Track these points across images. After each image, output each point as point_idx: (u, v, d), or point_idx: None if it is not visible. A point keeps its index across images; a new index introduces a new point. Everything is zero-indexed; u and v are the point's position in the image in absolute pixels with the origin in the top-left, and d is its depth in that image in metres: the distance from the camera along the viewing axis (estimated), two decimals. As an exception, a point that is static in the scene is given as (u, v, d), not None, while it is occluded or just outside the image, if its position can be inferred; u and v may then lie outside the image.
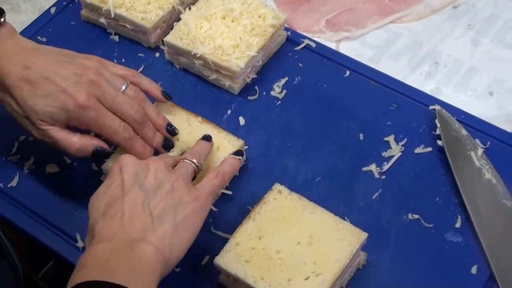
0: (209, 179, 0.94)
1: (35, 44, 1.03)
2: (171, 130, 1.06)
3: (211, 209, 1.02)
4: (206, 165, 1.02)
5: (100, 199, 0.88)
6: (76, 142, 1.00)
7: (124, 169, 0.89)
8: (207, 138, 1.03)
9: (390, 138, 1.11)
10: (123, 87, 1.02)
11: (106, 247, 0.82)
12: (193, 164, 0.96)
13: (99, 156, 1.03)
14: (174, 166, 0.96)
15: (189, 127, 1.07)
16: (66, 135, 1.00)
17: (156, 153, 1.04)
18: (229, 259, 0.94)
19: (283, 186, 1.00)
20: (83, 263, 0.81)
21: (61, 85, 0.97)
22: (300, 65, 1.21)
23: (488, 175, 1.04)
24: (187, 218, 0.88)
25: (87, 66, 1.00)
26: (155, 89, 1.08)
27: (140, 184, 0.88)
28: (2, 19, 1.01)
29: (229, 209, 1.05)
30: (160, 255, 0.83)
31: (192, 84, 1.20)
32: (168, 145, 1.06)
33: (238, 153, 1.01)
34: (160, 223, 0.85)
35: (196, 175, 0.97)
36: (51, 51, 1.02)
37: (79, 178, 1.10)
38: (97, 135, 1.03)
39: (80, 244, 1.02)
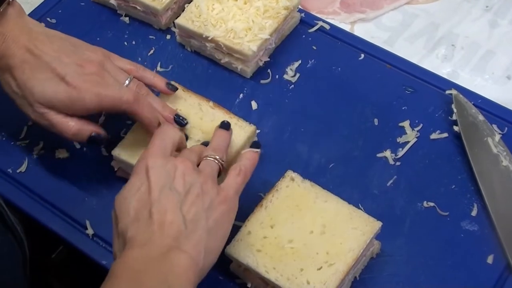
0: (232, 177, 0.91)
1: (43, 28, 1.02)
2: (179, 121, 1.03)
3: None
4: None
5: (128, 202, 0.85)
6: (72, 126, 0.98)
7: (151, 171, 0.86)
8: (226, 126, 1.00)
9: (405, 124, 1.09)
10: (126, 82, 1.00)
11: (138, 256, 0.80)
12: (216, 161, 0.93)
13: (95, 142, 1.01)
14: (198, 163, 0.93)
15: (201, 112, 1.05)
16: (62, 119, 0.98)
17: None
18: (240, 248, 0.92)
19: (296, 174, 0.98)
20: (114, 272, 0.80)
21: (61, 72, 0.96)
22: (314, 47, 1.19)
23: (505, 162, 1.02)
24: (219, 221, 0.86)
25: (91, 59, 0.99)
26: (160, 81, 1.06)
27: (170, 187, 0.85)
28: None
29: (241, 196, 1.02)
30: (194, 263, 0.81)
31: (204, 67, 1.18)
32: (180, 121, 1.03)
33: (255, 145, 0.97)
34: (194, 228, 0.83)
35: (221, 172, 0.93)
36: (58, 37, 1.01)
37: (88, 163, 1.08)
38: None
39: (89, 231, 1.01)
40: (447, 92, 1.11)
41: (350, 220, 0.93)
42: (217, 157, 0.93)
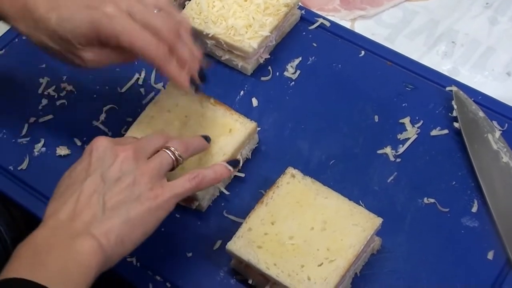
0: (182, 179, 0.89)
1: None
2: (202, 74, 0.97)
3: (223, 193, 1.02)
4: (217, 148, 1.01)
5: (64, 178, 0.87)
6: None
7: (93, 152, 0.87)
8: (206, 138, 0.99)
9: (406, 120, 1.09)
10: (155, 10, 0.94)
11: (46, 235, 0.80)
12: (172, 156, 0.90)
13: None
14: (155, 152, 0.91)
15: (201, 109, 1.05)
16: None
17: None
18: (241, 245, 0.92)
19: (297, 170, 0.98)
20: (19, 252, 0.79)
21: (91, 5, 0.91)
22: (314, 44, 1.19)
23: (505, 158, 1.02)
24: (141, 216, 0.84)
25: None
26: (186, 22, 0.98)
27: (102, 172, 0.85)
28: None
29: (242, 193, 1.04)
30: (100, 250, 0.80)
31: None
32: (203, 76, 0.97)
33: (233, 163, 0.97)
34: (111, 215, 0.82)
35: (174, 168, 0.91)
36: None
37: (89, 160, 1.08)
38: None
39: (91, 228, 1.01)
40: (447, 88, 1.11)
41: (351, 216, 0.93)
42: (176, 152, 0.91)
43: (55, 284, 0.75)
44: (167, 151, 0.90)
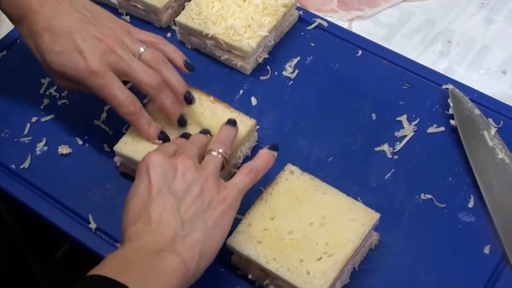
0: (240, 176, 0.91)
1: None
2: (189, 99, 1.04)
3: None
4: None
5: (129, 202, 0.87)
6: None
7: (151, 170, 0.87)
8: (232, 122, 1.00)
9: (403, 118, 1.10)
10: (141, 49, 1.01)
11: (131, 249, 0.82)
12: (220, 156, 0.93)
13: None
14: (201, 156, 0.94)
15: (201, 107, 1.06)
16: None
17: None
18: (241, 240, 0.94)
19: (295, 167, 1.00)
20: (106, 259, 0.82)
21: (79, 45, 0.98)
22: (312, 44, 1.21)
23: (501, 155, 1.04)
24: (217, 222, 0.87)
25: (109, 33, 1.00)
26: (178, 57, 1.06)
27: (168, 187, 0.86)
28: None
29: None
30: (184, 267, 0.82)
31: (204, 64, 1.20)
32: (182, 122, 1.04)
33: (273, 147, 0.96)
34: (191, 229, 0.84)
35: (225, 167, 0.95)
36: (82, 6, 1.03)
37: (91, 159, 1.10)
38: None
39: (92, 225, 1.02)
40: (444, 87, 1.12)
41: (349, 211, 0.95)
42: (221, 150, 0.94)
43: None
44: (213, 153, 0.93)
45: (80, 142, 1.11)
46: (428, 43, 1.24)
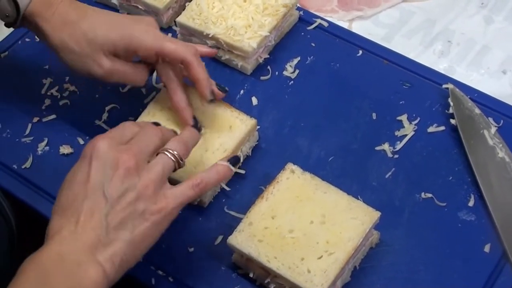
0: (185, 187, 0.87)
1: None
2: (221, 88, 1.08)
3: (224, 189, 1.04)
4: (218, 144, 1.02)
5: (63, 187, 0.84)
6: (143, 70, 1.05)
7: (93, 160, 0.82)
8: (198, 127, 1.01)
9: (403, 117, 1.11)
10: None
11: (53, 255, 0.79)
12: (173, 159, 0.87)
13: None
14: (155, 152, 0.88)
15: (202, 106, 1.07)
16: (132, 67, 1.03)
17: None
18: (242, 239, 0.94)
19: (296, 166, 1.00)
20: (25, 267, 0.78)
21: (121, 17, 1.04)
22: (313, 44, 1.21)
23: (501, 154, 1.04)
24: (145, 233, 0.83)
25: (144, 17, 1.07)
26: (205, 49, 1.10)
27: (104, 186, 0.81)
28: None
29: (242, 189, 1.05)
30: (105, 277, 0.79)
31: (205, 64, 1.19)
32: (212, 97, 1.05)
33: (233, 160, 0.93)
34: (115, 237, 0.80)
35: (176, 170, 0.88)
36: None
37: (92, 159, 1.10)
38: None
39: (94, 224, 1.02)
40: (444, 86, 1.12)
41: (350, 210, 0.95)
42: (175, 153, 0.87)
43: None
44: (167, 153, 0.87)
45: (82, 142, 1.11)
46: (428, 43, 1.24)
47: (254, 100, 1.15)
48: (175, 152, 0.87)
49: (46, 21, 1.01)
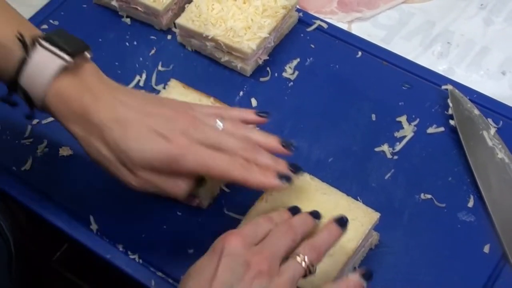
0: None
1: (119, 85, 0.93)
2: (288, 145, 0.93)
3: (223, 190, 1.04)
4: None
5: (189, 280, 0.81)
6: (183, 187, 0.90)
7: (223, 257, 0.79)
8: (343, 222, 0.89)
9: (403, 118, 1.11)
10: (220, 124, 0.92)
11: None
12: (305, 265, 0.82)
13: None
14: (286, 255, 0.83)
15: (201, 109, 1.07)
16: (171, 182, 0.89)
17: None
18: None
19: (295, 167, 1.00)
20: None
21: (157, 129, 0.87)
22: (312, 46, 1.21)
23: (500, 155, 1.04)
24: None
25: (180, 109, 0.91)
26: (248, 113, 0.97)
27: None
28: (88, 55, 0.92)
29: (242, 190, 1.04)
30: None
31: (204, 66, 1.20)
32: (296, 167, 0.92)
33: (367, 275, 0.85)
34: None
35: (306, 277, 0.83)
36: (140, 93, 0.94)
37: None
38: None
39: (93, 226, 1.02)
40: (443, 87, 1.13)
41: (349, 211, 0.95)
42: (307, 259, 0.82)
43: None
44: (298, 260, 0.82)
45: (83, 145, 1.11)
46: (427, 44, 1.24)
47: (254, 102, 1.15)
48: (306, 259, 0.82)
49: (66, 119, 0.90)
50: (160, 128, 0.87)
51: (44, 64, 0.88)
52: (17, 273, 1.00)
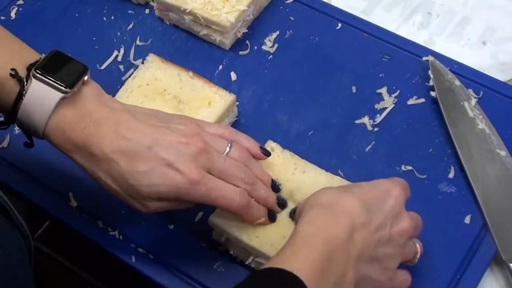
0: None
1: (122, 104, 0.90)
2: (275, 187, 0.96)
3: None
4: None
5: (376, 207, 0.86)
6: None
7: (391, 199, 0.87)
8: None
9: (383, 90, 1.10)
10: (227, 149, 0.91)
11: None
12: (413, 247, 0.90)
13: None
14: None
15: (180, 82, 1.06)
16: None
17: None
18: (224, 218, 0.93)
19: (276, 144, 0.99)
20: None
21: (165, 157, 0.84)
22: (292, 18, 1.20)
23: (481, 125, 1.04)
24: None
25: (187, 132, 0.88)
26: (254, 146, 0.96)
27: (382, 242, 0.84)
28: (86, 77, 0.88)
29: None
30: None
31: (183, 40, 1.19)
32: (282, 203, 0.95)
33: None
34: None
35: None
36: (142, 113, 0.89)
37: (70, 137, 1.09)
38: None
39: (73, 203, 1.02)
40: (424, 58, 1.12)
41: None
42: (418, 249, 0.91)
43: None
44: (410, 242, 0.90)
45: (59, 121, 1.10)
46: (407, 14, 1.23)
47: (233, 75, 1.14)
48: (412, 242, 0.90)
49: (68, 151, 0.88)
50: (169, 157, 0.85)
51: (42, 97, 0.85)
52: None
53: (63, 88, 0.85)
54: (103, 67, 1.15)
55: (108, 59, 1.15)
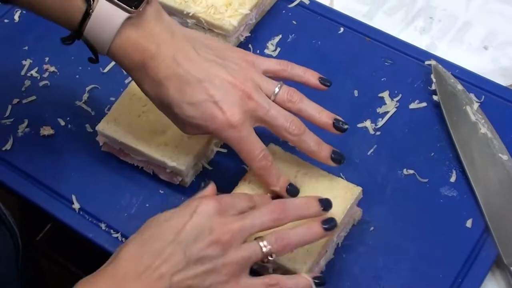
0: (260, 283, 0.82)
1: (182, 30, 0.94)
2: (339, 126, 0.95)
3: (206, 168, 1.03)
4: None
5: (155, 222, 0.83)
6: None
7: (194, 216, 0.81)
8: (330, 224, 0.88)
9: (385, 94, 1.10)
10: (276, 90, 0.93)
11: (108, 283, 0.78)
12: (263, 253, 0.83)
13: None
14: (256, 232, 0.84)
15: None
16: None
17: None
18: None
19: (278, 147, 1.00)
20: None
21: (213, 94, 0.88)
22: (294, 22, 1.21)
23: (483, 129, 1.04)
24: None
25: (239, 74, 0.91)
26: (312, 76, 0.97)
27: (189, 247, 0.79)
28: None
29: (224, 168, 1.05)
30: None
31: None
32: (338, 159, 0.96)
33: (320, 280, 0.86)
34: None
35: (264, 263, 0.84)
36: (202, 44, 0.93)
37: (73, 139, 1.09)
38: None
39: (76, 205, 1.02)
40: (426, 63, 1.12)
41: (331, 189, 0.94)
42: (269, 249, 0.83)
43: None
44: (261, 244, 0.83)
45: (62, 123, 1.11)
46: (409, 19, 1.24)
47: (236, 79, 1.14)
48: (269, 248, 0.83)
49: (128, 68, 0.92)
50: (217, 95, 0.89)
51: (108, 17, 0.87)
52: (23, 266, 1.00)
53: (129, 8, 0.87)
54: (106, 70, 1.16)
55: (111, 62, 1.16)
